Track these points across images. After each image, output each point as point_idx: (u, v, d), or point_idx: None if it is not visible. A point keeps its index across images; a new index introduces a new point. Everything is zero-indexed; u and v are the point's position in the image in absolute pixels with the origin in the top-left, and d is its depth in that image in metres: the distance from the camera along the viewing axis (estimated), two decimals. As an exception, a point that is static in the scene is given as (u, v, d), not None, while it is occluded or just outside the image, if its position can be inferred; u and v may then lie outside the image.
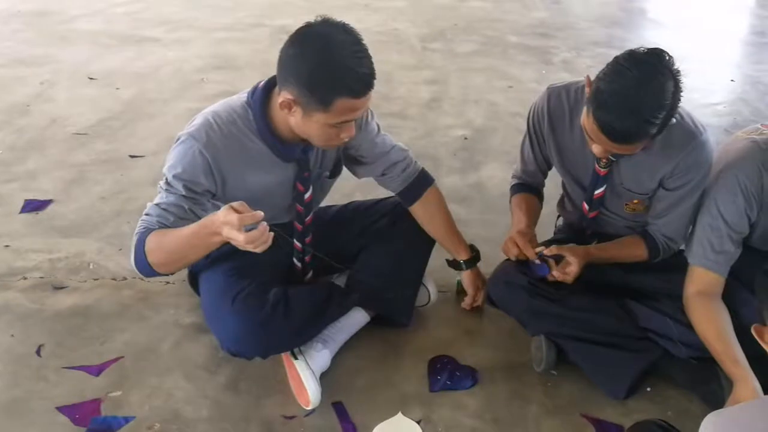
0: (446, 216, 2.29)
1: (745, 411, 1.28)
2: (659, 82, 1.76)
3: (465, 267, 2.32)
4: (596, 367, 2.08)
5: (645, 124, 1.77)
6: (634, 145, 1.84)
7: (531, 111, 2.23)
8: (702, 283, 2.01)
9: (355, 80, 1.74)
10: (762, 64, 4.97)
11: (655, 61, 1.78)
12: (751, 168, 1.97)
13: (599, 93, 1.79)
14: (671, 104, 1.79)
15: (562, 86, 2.15)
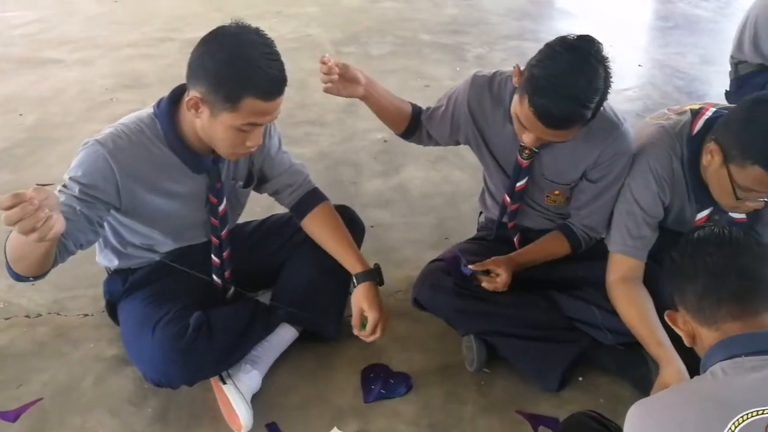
0: (335, 231, 2.14)
1: (665, 399, 1.29)
2: (592, 67, 1.77)
3: (356, 282, 2.08)
4: (527, 361, 2.09)
5: (581, 107, 1.78)
6: (569, 130, 1.84)
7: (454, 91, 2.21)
8: (623, 269, 2.04)
9: (264, 80, 1.71)
10: (667, 48, 5.11)
11: (587, 46, 1.79)
12: (661, 153, 2.01)
13: (534, 79, 1.79)
14: (603, 89, 1.81)
15: (487, 76, 2.14)
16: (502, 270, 2.07)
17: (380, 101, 2.20)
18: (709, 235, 1.39)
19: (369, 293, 2.05)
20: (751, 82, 3.58)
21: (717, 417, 1.17)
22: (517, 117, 1.89)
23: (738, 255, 1.34)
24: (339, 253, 2.13)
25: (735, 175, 1.83)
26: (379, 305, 2.05)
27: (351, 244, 2.15)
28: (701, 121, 1.99)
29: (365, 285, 2.07)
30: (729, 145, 1.83)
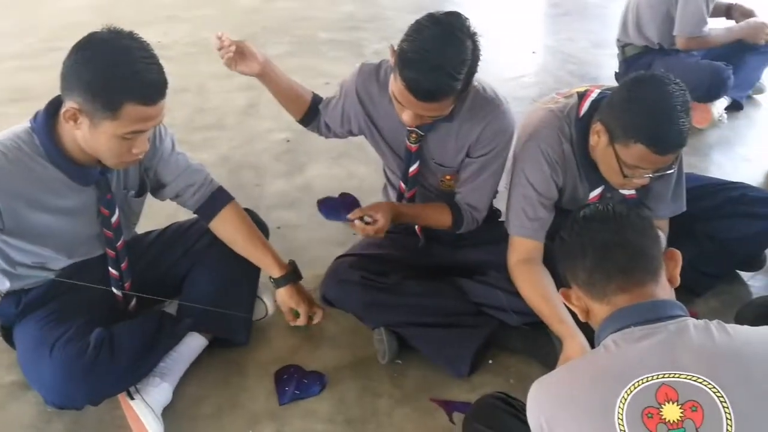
0: (248, 233, 2.13)
1: (562, 375, 1.33)
2: (459, 39, 1.81)
3: (276, 285, 2.15)
4: (438, 349, 2.12)
5: (449, 78, 1.81)
6: (440, 102, 1.87)
7: (344, 82, 2.24)
8: (522, 251, 2.09)
9: (143, 84, 1.67)
10: (559, 34, 5.26)
11: (453, 20, 1.84)
12: (551, 136, 2.08)
13: (403, 53, 1.82)
14: (472, 61, 1.85)
15: (375, 64, 2.17)
16: (380, 215, 2.06)
17: (278, 82, 2.25)
18: (594, 213, 1.44)
19: (293, 294, 2.15)
20: (638, 63, 3.75)
21: (611, 388, 1.22)
22: (394, 95, 1.91)
23: (622, 230, 1.39)
24: (254, 256, 2.13)
25: (620, 153, 1.90)
26: (306, 299, 2.16)
27: (265, 245, 2.16)
28: (587, 103, 2.06)
29: (287, 288, 2.13)
30: (613, 125, 1.90)
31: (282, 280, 2.13)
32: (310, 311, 2.18)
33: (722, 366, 1.20)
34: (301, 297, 2.16)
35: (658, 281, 1.37)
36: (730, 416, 1.15)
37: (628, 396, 1.20)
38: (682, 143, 1.86)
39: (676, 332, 1.26)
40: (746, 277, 2.55)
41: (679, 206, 2.23)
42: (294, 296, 2.15)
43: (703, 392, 1.18)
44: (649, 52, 3.77)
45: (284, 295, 2.15)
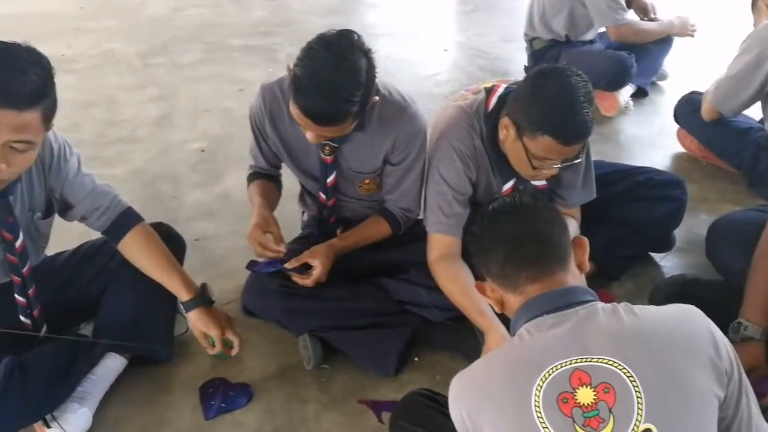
0: (155, 255, 2.05)
1: (479, 367, 1.35)
2: (351, 61, 1.81)
3: (185, 309, 2.07)
4: (363, 350, 2.12)
5: (344, 103, 1.82)
6: (339, 126, 1.88)
7: (251, 112, 2.21)
8: (441, 248, 2.12)
9: (7, 89, 1.56)
10: (469, 31, 5.33)
11: (344, 41, 1.83)
12: (462, 132, 2.10)
13: (296, 79, 1.82)
14: (367, 80, 1.85)
15: (275, 82, 2.15)
16: (318, 262, 2.08)
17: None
18: (502, 207, 1.47)
19: (202, 318, 2.05)
20: (545, 55, 3.84)
21: (526, 376, 1.24)
22: (294, 116, 1.91)
23: (530, 221, 1.41)
24: (162, 279, 2.05)
25: (529, 146, 1.94)
26: (217, 323, 2.05)
27: (173, 267, 2.07)
28: (494, 98, 2.10)
29: (196, 312, 2.05)
30: (520, 118, 1.94)
31: (190, 303, 2.05)
32: (224, 336, 2.07)
33: (630, 346, 1.23)
34: (211, 320, 2.05)
35: (568, 269, 1.40)
36: (640, 394, 1.19)
37: (543, 383, 1.23)
38: (586, 133, 1.91)
39: (586, 317, 1.29)
40: (658, 258, 2.64)
41: (589, 193, 2.29)
42: (202, 319, 2.04)
43: (614, 373, 1.21)
44: (557, 44, 3.87)
45: (193, 319, 2.06)
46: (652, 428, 1.17)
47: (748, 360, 1.96)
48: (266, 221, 2.13)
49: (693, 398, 1.20)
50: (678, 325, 1.27)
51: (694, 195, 2.98)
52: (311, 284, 2.09)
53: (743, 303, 2.04)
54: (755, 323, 1.99)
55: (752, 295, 2.04)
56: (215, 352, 2.08)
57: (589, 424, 1.19)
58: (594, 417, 1.19)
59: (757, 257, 2.07)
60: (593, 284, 2.35)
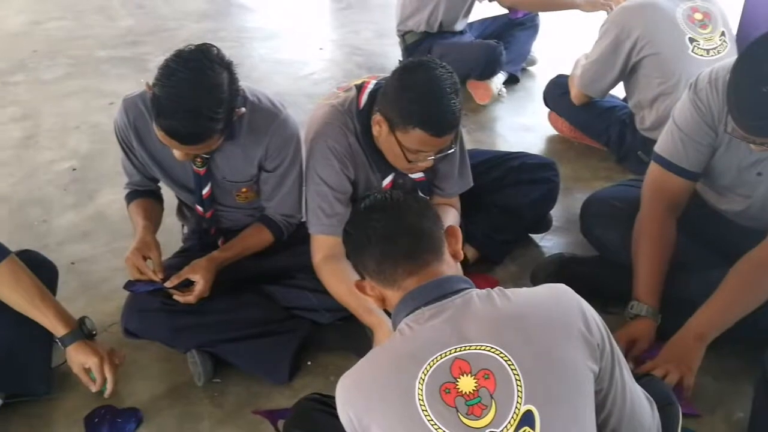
0: (25, 292, 1.88)
1: (364, 366, 1.34)
2: (211, 78, 1.77)
3: (62, 345, 1.92)
4: (254, 361, 2.08)
5: (208, 122, 1.78)
6: (206, 143, 1.84)
7: (115, 128, 2.13)
8: (325, 249, 2.10)
9: None
10: (344, 28, 5.34)
11: (202, 57, 1.78)
12: (336, 131, 2.09)
13: (156, 99, 1.76)
14: (229, 95, 1.81)
15: (137, 95, 2.08)
16: (199, 276, 2.03)
17: None
18: (373, 203, 1.47)
19: (80, 352, 1.92)
20: (418, 48, 3.89)
21: (409, 371, 1.25)
22: (159, 137, 1.86)
23: (401, 216, 1.42)
24: (35, 316, 1.90)
25: (401, 140, 1.95)
26: (96, 353, 1.93)
27: (46, 302, 1.91)
28: (365, 94, 2.10)
29: (74, 346, 1.92)
30: (390, 113, 1.95)
31: (67, 338, 1.91)
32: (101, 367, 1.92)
33: (505, 331, 1.26)
34: (89, 353, 1.92)
35: (443, 259, 1.41)
36: (519, 376, 1.21)
37: (425, 376, 1.24)
38: (456, 123, 1.94)
39: (462, 306, 1.31)
40: (537, 239, 2.72)
41: (466, 182, 2.33)
42: (81, 355, 1.91)
43: (493, 359, 1.23)
44: (428, 37, 3.92)
45: (71, 354, 1.92)
46: (533, 409, 1.20)
47: (636, 334, 2.05)
48: (146, 246, 2.06)
49: (569, 375, 1.24)
50: (549, 305, 1.31)
51: (568, 175, 3.11)
52: (194, 301, 2.03)
53: (633, 284, 2.13)
54: (644, 302, 2.09)
55: (638, 276, 2.13)
56: (98, 388, 1.95)
57: (472, 412, 1.21)
58: (476, 404, 1.21)
59: (636, 238, 2.17)
60: (477, 269, 2.47)
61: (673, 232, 2.15)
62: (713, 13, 2.85)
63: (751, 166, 2.05)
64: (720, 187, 2.18)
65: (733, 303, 1.94)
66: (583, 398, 1.25)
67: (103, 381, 1.94)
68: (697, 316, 1.96)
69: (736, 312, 1.93)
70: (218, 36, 5.05)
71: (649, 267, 2.11)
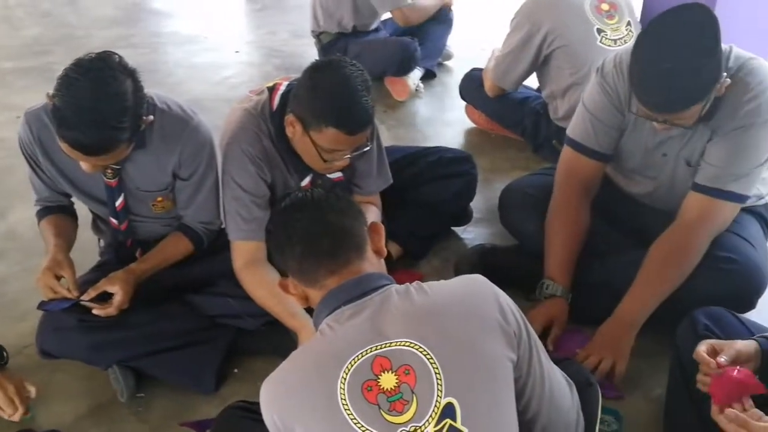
0: None
1: (286, 368, 1.34)
2: (114, 87, 1.73)
3: None
4: (179, 372, 2.05)
5: (113, 131, 1.74)
6: (112, 154, 1.80)
7: (19, 142, 2.06)
8: (245, 254, 2.08)
9: None
10: (260, 30, 5.28)
11: (103, 65, 1.74)
12: (250, 135, 2.07)
13: (57, 111, 1.71)
14: (135, 103, 1.78)
15: (40, 107, 2.01)
16: (117, 288, 1.98)
17: None
18: (294, 202, 1.46)
19: None
20: (334, 48, 3.88)
21: (330, 371, 1.25)
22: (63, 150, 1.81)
23: (322, 214, 1.42)
24: None
25: (316, 140, 1.95)
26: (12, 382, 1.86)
27: None
28: (277, 96, 2.09)
29: None
30: (303, 114, 1.94)
31: None
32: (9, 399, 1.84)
33: (423, 325, 1.27)
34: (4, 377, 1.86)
35: (365, 256, 1.41)
36: (438, 370, 1.23)
37: (347, 375, 1.24)
38: (368, 120, 1.95)
39: (381, 303, 1.31)
40: (460, 231, 2.76)
41: (385, 179, 2.34)
42: None
43: (412, 354, 1.24)
44: (343, 36, 3.92)
45: None
46: (453, 401, 1.22)
47: (553, 314, 2.10)
48: (58, 264, 1.99)
49: (488, 365, 1.26)
50: (465, 297, 1.33)
51: (487, 166, 3.16)
52: (115, 312, 1.98)
53: (546, 263, 2.17)
54: (556, 281, 2.13)
55: (549, 256, 2.18)
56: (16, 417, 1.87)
57: (394, 408, 1.21)
58: (398, 400, 1.22)
59: (549, 219, 2.22)
60: (401, 265, 2.49)
61: (585, 214, 2.21)
62: (619, 4, 2.94)
63: (656, 147, 2.12)
64: (628, 171, 2.25)
65: (654, 288, 2.02)
66: (502, 387, 1.27)
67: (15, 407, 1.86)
68: (624, 304, 2.02)
69: (658, 296, 2.01)
70: (130, 42, 4.94)
71: (561, 247, 2.17)
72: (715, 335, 1.68)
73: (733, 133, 1.95)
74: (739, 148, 1.97)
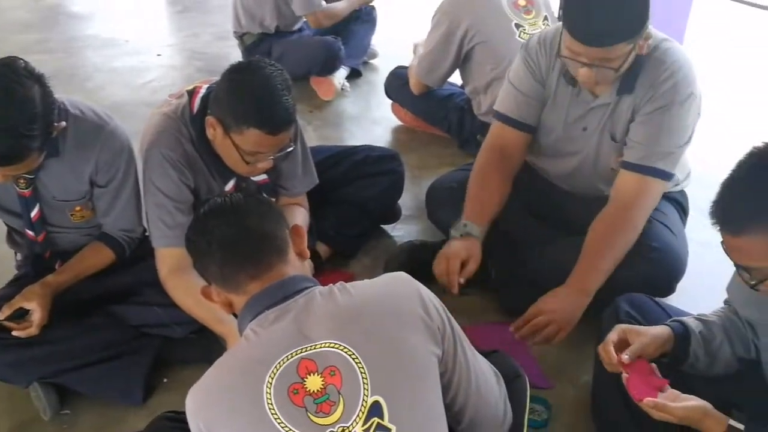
0: None
1: (211, 376, 1.31)
2: (20, 93, 1.68)
3: None
4: (104, 386, 2.00)
5: (22, 139, 1.69)
6: (23, 163, 1.75)
7: None
8: (170, 261, 2.03)
9: None
10: (182, 32, 5.18)
11: (7, 72, 1.68)
12: (170, 139, 2.03)
13: None
14: (44, 110, 1.73)
15: None
16: (35, 303, 1.91)
17: None
18: (212, 208, 1.44)
19: None
20: (258, 49, 3.84)
21: (256, 376, 1.23)
22: None
23: (243, 219, 1.40)
24: None
25: (238, 142, 1.92)
26: None
27: None
28: (198, 99, 2.05)
29: None
30: (223, 116, 1.92)
31: None
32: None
33: (348, 326, 1.27)
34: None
35: (287, 260, 1.40)
36: (363, 369, 1.23)
37: (272, 379, 1.23)
38: (290, 120, 1.93)
39: (305, 305, 1.30)
40: (389, 229, 2.76)
41: (311, 180, 2.33)
42: None
43: (338, 355, 1.24)
44: (267, 37, 3.89)
45: None
46: (380, 399, 1.22)
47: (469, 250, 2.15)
48: None
49: (413, 362, 1.27)
50: (388, 295, 1.33)
51: (415, 163, 3.18)
52: (36, 332, 1.91)
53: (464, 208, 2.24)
54: (473, 222, 2.19)
55: (468, 205, 2.24)
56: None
57: (321, 409, 1.21)
58: (325, 402, 1.21)
59: (470, 180, 2.30)
60: (332, 265, 2.48)
61: (505, 180, 2.28)
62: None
63: (576, 121, 2.20)
64: (551, 149, 2.32)
65: (602, 254, 2.06)
66: (428, 382, 1.28)
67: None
68: (575, 274, 2.07)
69: (606, 262, 2.06)
70: (46, 47, 4.79)
71: (479, 198, 2.24)
72: (636, 321, 1.74)
73: (655, 113, 2.04)
74: (662, 127, 2.05)
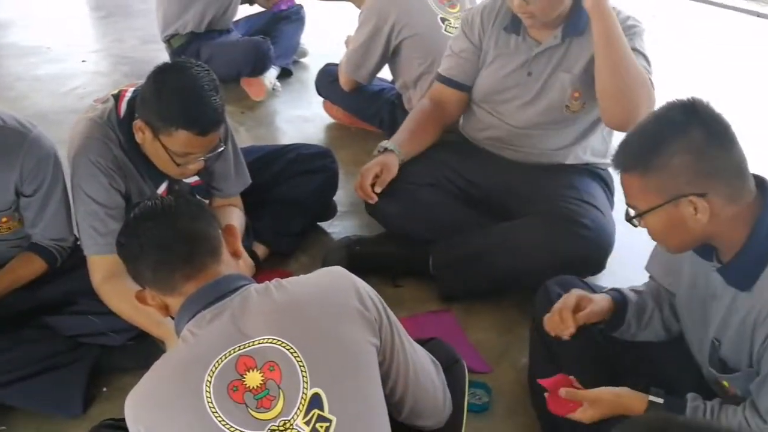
0: None
1: (149, 379, 1.30)
2: None
3: None
4: (41, 399, 1.95)
5: None
6: None
7: None
8: (103, 269, 2.01)
9: None
10: (107, 38, 5.08)
11: None
12: (98, 145, 2.00)
13: None
14: None
15: None
16: None
17: None
18: (143, 211, 1.43)
19: None
20: (186, 51, 3.82)
21: (195, 376, 1.23)
22: None
23: (174, 221, 1.39)
24: None
25: (167, 144, 1.91)
26: None
27: None
28: (124, 103, 2.03)
29: None
30: (151, 118, 1.90)
31: None
32: None
33: (285, 321, 1.28)
34: None
35: (220, 259, 1.40)
36: (302, 363, 1.24)
37: (211, 378, 1.23)
38: (218, 119, 1.92)
39: (241, 303, 1.31)
40: (326, 226, 2.77)
41: (244, 180, 2.33)
42: None
43: (276, 350, 1.25)
44: (195, 39, 3.85)
45: None
46: (320, 391, 1.23)
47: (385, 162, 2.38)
48: None
49: (351, 353, 1.28)
50: (324, 289, 1.35)
51: (349, 159, 3.18)
52: None
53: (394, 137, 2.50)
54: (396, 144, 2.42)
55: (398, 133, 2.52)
56: None
57: (261, 405, 1.22)
58: (265, 397, 1.22)
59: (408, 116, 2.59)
60: (270, 264, 2.48)
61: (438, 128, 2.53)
62: (460, -8, 3.05)
63: (520, 67, 2.34)
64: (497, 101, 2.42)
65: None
66: (367, 373, 1.29)
67: None
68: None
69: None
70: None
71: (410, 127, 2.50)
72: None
73: None
74: None
